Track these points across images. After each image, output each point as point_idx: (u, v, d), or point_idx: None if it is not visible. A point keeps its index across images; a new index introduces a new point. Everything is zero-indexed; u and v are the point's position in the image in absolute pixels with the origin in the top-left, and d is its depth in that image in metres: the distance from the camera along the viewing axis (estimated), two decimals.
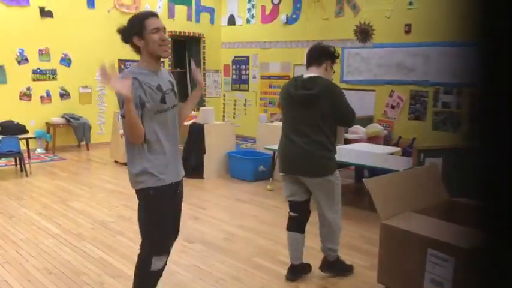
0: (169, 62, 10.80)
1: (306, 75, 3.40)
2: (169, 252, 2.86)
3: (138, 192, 2.78)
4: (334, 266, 3.63)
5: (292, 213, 3.56)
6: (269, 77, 10.42)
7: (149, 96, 2.58)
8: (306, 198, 3.50)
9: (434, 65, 7.61)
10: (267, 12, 10.39)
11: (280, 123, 3.64)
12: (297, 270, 3.59)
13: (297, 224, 3.54)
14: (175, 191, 2.82)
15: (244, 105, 10.98)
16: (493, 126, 0.71)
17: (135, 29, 2.64)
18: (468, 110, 0.76)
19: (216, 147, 6.96)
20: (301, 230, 3.55)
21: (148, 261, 2.76)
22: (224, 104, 11.60)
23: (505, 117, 0.69)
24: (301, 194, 3.49)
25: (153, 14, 2.70)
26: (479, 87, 0.72)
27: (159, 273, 2.85)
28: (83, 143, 9.23)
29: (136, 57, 2.75)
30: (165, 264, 2.86)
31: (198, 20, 11.07)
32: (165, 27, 2.68)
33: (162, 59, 2.79)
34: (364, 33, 8.55)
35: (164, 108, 2.66)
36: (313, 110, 3.28)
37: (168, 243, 2.87)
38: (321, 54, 3.40)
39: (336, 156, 3.45)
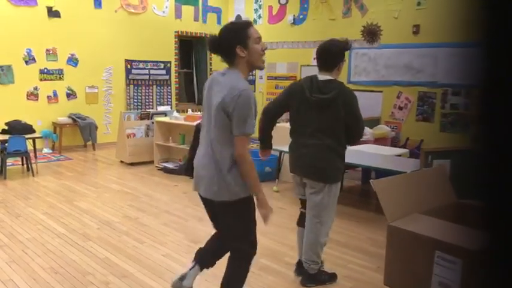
0: (176, 63, 10.81)
1: (321, 78, 3.33)
2: None
3: (239, 200, 2.66)
4: (315, 278, 3.51)
5: (302, 209, 3.57)
6: (276, 78, 10.40)
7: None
8: None
9: (442, 66, 7.56)
10: (274, 12, 10.38)
11: (287, 124, 3.62)
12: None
13: (305, 220, 3.54)
14: None
15: None
16: (501, 127, 0.69)
17: (240, 38, 2.56)
18: (476, 111, 0.75)
19: None
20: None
21: (250, 260, 2.84)
22: None
23: (496, 118, 0.68)
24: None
25: (252, 23, 2.65)
26: (488, 89, 0.71)
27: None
28: (89, 143, 9.26)
29: (143, 57, 2.75)
30: None
31: (204, 21, 11.08)
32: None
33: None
34: (371, 34, 8.52)
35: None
36: (327, 115, 3.26)
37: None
38: (336, 59, 3.32)
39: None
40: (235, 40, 2.56)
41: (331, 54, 3.33)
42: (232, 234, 2.81)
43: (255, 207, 2.72)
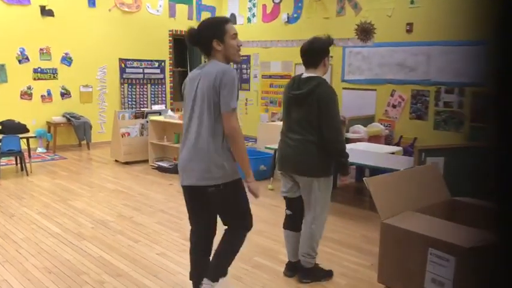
0: (170, 62, 10.80)
1: (305, 75, 3.39)
2: None
3: (232, 182, 2.81)
4: (311, 273, 3.53)
5: (287, 211, 3.59)
6: (270, 77, 10.40)
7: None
8: (298, 195, 3.49)
9: (435, 64, 7.59)
10: (268, 11, 10.37)
11: (281, 123, 3.64)
12: (294, 267, 3.60)
13: (291, 222, 3.57)
14: None
15: (245, 104, 10.96)
16: (496, 125, 0.70)
17: (217, 33, 2.75)
18: (470, 109, 0.75)
19: None
20: (296, 228, 3.54)
21: (243, 238, 2.98)
22: None
23: (508, 116, 0.68)
24: (295, 191, 3.49)
25: (230, 20, 2.86)
26: (482, 86, 0.71)
27: None
28: (84, 142, 9.23)
29: (137, 56, 2.82)
30: None
31: (199, 19, 11.05)
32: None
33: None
34: (365, 32, 8.53)
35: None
36: (305, 110, 3.28)
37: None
38: (319, 55, 3.36)
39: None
40: (212, 34, 2.75)
41: (314, 51, 3.38)
42: (232, 216, 2.93)
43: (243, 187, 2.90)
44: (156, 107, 8.94)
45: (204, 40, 2.76)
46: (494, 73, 0.71)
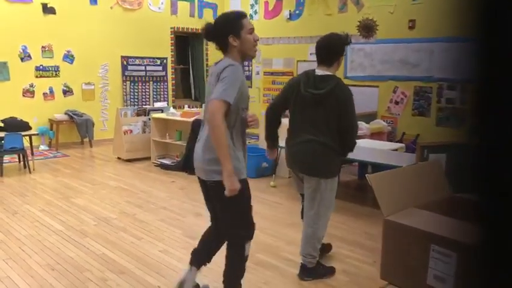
0: (172, 59, 10.80)
1: (318, 73, 3.33)
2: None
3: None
4: (313, 272, 3.53)
5: (303, 203, 3.63)
6: (272, 73, 10.38)
7: (244, 89, 2.71)
8: None
9: (438, 61, 7.57)
10: (270, 8, 10.36)
11: (284, 120, 3.62)
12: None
13: None
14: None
15: None
16: (496, 122, 0.70)
17: (233, 28, 2.69)
18: (472, 106, 0.75)
19: None
20: None
21: (244, 244, 2.90)
22: None
23: (508, 113, 0.68)
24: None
25: (246, 15, 2.79)
26: (483, 83, 0.71)
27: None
28: (86, 139, 9.24)
29: (139, 53, 2.80)
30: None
31: (200, 16, 11.05)
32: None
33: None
34: (367, 29, 8.51)
35: (244, 106, 2.77)
36: (323, 111, 3.25)
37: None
38: (334, 54, 3.32)
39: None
40: (228, 30, 2.69)
41: (330, 49, 3.33)
42: (226, 218, 2.87)
43: (249, 192, 2.81)
44: (158, 105, 8.95)
45: (221, 36, 2.71)
46: (481, 70, 0.71)
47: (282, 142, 3.77)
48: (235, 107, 2.64)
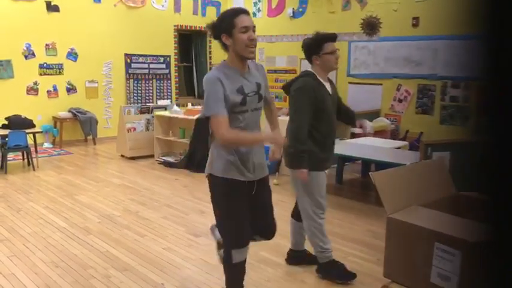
0: (175, 57, 10.80)
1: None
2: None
3: (211, 176, 2.85)
4: (324, 270, 3.54)
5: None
6: (275, 71, 10.38)
7: (229, 98, 2.58)
8: None
9: (442, 59, 7.55)
10: (273, 5, 10.34)
11: (287, 118, 3.64)
12: (294, 256, 3.73)
13: (295, 212, 3.69)
14: (246, 188, 2.80)
15: None
16: (501, 119, 0.70)
17: (225, 27, 2.55)
18: (476, 103, 0.75)
19: None
20: (298, 219, 3.63)
21: (226, 256, 2.85)
22: None
23: (498, 111, 0.68)
24: None
25: (244, 11, 2.60)
26: (488, 81, 0.71)
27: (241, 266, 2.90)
28: (90, 137, 9.27)
29: (143, 51, 2.78)
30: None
31: (204, 14, 11.04)
32: (254, 26, 2.59)
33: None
34: (371, 27, 8.49)
35: (243, 109, 2.66)
36: (289, 103, 3.41)
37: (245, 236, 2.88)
38: (309, 54, 3.39)
39: (321, 152, 3.35)
40: (220, 28, 2.58)
41: (305, 50, 3.42)
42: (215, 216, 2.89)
43: (229, 197, 2.75)
44: (161, 102, 8.95)
45: (216, 35, 2.61)
46: (488, 67, 0.71)
47: None
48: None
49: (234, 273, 2.91)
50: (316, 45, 3.32)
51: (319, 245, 3.49)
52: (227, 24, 2.54)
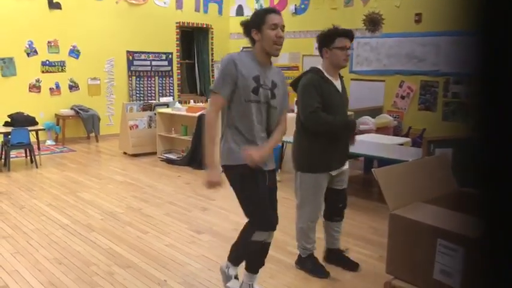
0: (177, 54, 10.79)
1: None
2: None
3: (228, 166, 2.84)
4: (301, 262, 3.60)
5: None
6: None
7: (243, 80, 2.65)
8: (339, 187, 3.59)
9: (444, 55, 7.53)
10: (276, 2, 10.33)
11: (289, 115, 3.64)
12: (330, 255, 3.71)
13: (325, 212, 3.65)
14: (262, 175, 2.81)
15: None
16: (502, 116, 0.69)
17: (256, 22, 2.71)
18: (477, 100, 0.75)
19: None
20: (328, 218, 3.62)
21: (250, 237, 2.88)
22: None
23: (489, 108, 0.68)
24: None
25: (275, 11, 2.76)
26: (489, 77, 0.71)
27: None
28: (92, 134, 9.28)
29: (145, 48, 2.81)
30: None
31: (206, 11, 11.03)
32: (283, 26, 2.73)
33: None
34: (373, 23, 8.47)
35: (255, 99, 2.69)
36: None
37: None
38: (319, 46, 3.37)
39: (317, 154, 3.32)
40: (252, 24, 2.72)
41: (317, 39, 3.40)
42: (240, 203, 2.90)
43: (257, 182, 2.77)
44: (163, 99, 8.96)
45: (246, 30, 2.75)
46: (487, 64, 0.71)
47: (287, 137, 3.78)
48: (233, 97, 2.69)
49: (246, 249, 2.95)
50: (328, 38, 3.29)
51: (302, 244, 3.55)
52: (258, 20, 2.70)
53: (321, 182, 3.37)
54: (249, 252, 2.98)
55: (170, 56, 10.61)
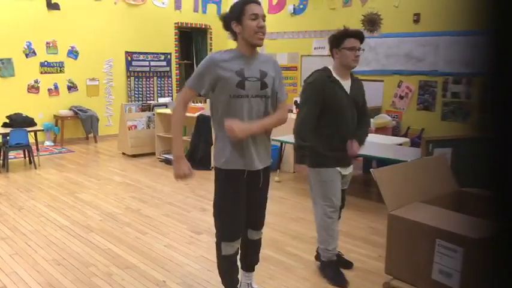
0: (176, 54, 10.79)
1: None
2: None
3: (216, 168, 2.82)
4: (321, 266, 3.57)
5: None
6: None
7: (225, 76, 2.61)
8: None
9: (443, 55, 7.53)
10: (274, 2, 10.33)
11: (288, 115, 3.63)
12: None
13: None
14: (248, 177, 2.77)
15: None
16: (504, 116, 0.69)
17: (235, 14, 2.64)
18: (478, 99, 0.75)
19: None
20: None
21: (218, 245, 2.87)
22: None
23: (502, 107, 0.68)
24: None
25: (255, 1, 2.66)
26: (490, 77, 0.71)
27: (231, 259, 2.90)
28: (91, 135, 9.27)
29: (143, 49, 2.79)
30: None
31: (204, 11, 11.03)
32: (264, 15, 2.65)
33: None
34: (372, 23, 8.48)
35: (241, 94, 2.63)
36: None
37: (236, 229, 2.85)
38: (330, 46, 3.36)
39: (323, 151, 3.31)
40: (231, 16, 2.66)
41: (328, 40, 3.39)
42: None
43: (228, 186, 2.74)
44: (162, 100, 8.95)
45: (226, 23, 2.69)
46: (492, 63, 0.70)
47: (286, 137, 3.77)
48: (217, 95, 2.65)
49: (225, 265, 2.91)
50: (338, 39, 3.29)
51: (325, 242, 3.47)
52: (237, 12, 2.62)
53: (330, 176, 3.35)
54: (226, 269, 2.93)
55: (169, 56, 10.60)
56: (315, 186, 3.41)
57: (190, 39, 11.39)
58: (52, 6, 8.77)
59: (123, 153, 8.05)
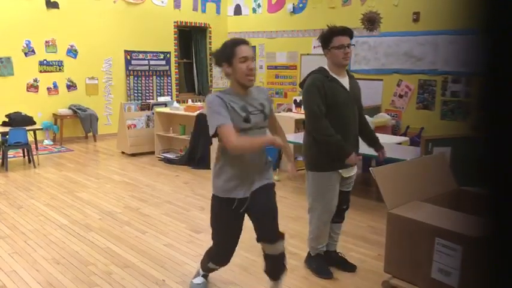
0: (175, 53, 10.78)
1: None
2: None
3: (213, 196, 2.97)
4: (309, 261, 3.61)
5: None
6: (276, 67, 10.37)
7: (232, 115, 2.66)
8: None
9: (442, 54, 7.53)
10: (274, 1, 10.32)
11: (287, 114, 3.64)
12: (330, 256, 3.65)
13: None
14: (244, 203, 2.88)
15: None
16: (502, 115, 0.69)
17: (225, 55, 2.68)
18: (477, 99, 0.75)
19: None
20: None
21: (209, 262, 3.19)
22: None
23: (497, 105, 0.68)
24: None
25: (244, 42, 2.73)
26: (488, 76, 0.71)
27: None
28: (90, 134, 9.27)
29: (143, 47, 2.79)
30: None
31: (204, 10, 11.02)
32: (253, 57, 2.72)
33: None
34: (371, 22, 8.47)
35: (247, 127, 2.71)
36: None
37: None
38: (322, 47, 3.35)
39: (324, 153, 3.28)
40: (222, 57, 2.70)
41: (319, 42, 3.38)
42: None
43: (220, 215, 2.93)
44: (161, 99, 8.95)
45: (218, 63, 2.74)
46: (489, 62, 0.70)
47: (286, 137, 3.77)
48: None
49: (207, 269, 3.27)
50: (326, 38, 3.28)
51: (310, 245, 3.57)
52: (228, 54, 2.67)
53: (329, 181, 3.32)
54: (207, 270, 3.26)
55: (168, 55, 10.60)
56: (312, 190, 3.40)
57: (190, 38, 11.38)
58: (51, 5, 8.77)
59: (123, 152, 8.05)
